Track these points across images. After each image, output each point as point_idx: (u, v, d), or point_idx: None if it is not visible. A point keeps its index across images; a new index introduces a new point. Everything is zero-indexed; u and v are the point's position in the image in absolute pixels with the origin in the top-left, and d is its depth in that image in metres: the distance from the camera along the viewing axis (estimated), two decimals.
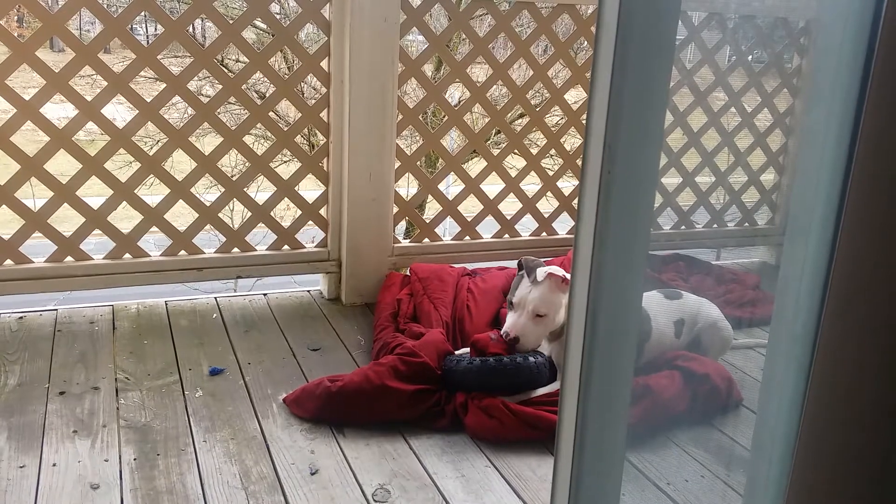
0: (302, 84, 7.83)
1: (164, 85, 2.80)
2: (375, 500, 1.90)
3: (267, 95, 3.07)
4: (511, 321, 2.39)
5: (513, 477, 2.03)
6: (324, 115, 3.01)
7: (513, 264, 2.87)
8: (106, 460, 2.00)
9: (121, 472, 1.96)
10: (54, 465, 1.97)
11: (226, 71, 3.01)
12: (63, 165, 2.81)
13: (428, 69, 8.15)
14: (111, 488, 1.89)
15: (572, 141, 3.61)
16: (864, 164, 0.74)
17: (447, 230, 3.61)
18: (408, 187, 4.92)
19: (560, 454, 1.23)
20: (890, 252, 0.71)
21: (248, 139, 3.05)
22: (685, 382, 2.25)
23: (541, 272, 2.37)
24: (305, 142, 8.17)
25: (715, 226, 3.66)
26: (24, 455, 2.00)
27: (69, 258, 2.79)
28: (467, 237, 3.34)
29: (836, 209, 0.84)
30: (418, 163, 3.25)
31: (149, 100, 2.75)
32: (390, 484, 1.97)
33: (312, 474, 1.99)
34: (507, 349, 2.35)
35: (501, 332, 2.40)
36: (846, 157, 0.81)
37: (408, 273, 3.11)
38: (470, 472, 2.04)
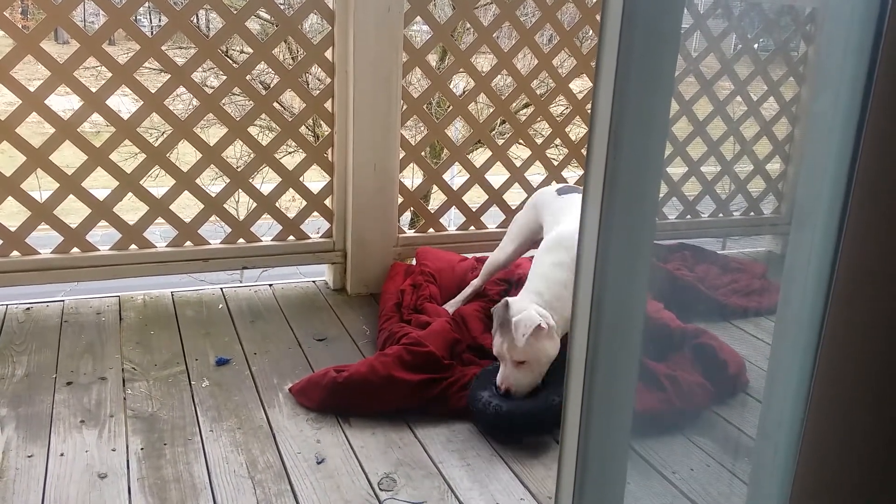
0: (306, 74, 7.83)
1: (169, 76, 2.80)
2: (381, 489, 1.91)
3: (271, 86, 3.07)
4: (501, 373, 2.20)
5: (518, 465, 2.04)
6: (328, 105, 3.00)
7: None
8: (113, 450, 2.01)
9: (128, 461, 1.97)
10: (62, 454, 1.98)
11: (230, 62, 3.00)
12: (69, 158, 2.82)
13: (432, 59, 8.14)
14: (118, 477, 1.90)
15: (577, 130, 3.61)
16: (870, 152, 0.74)
17: (452, 220, 3.61)
18: (413, 177, 4.91)
19: (565, 443, 1.24)
20: (894, 240, 0.70)
21: (252, 130, 3.04)
22: (704, 370, 2.26)
23: (516, 324, 2.16)
24: (310, 132, 8.16)
25: (721, 215, 3.65)
26: (31, 445, 2.02)
27: (75, 249, 2.79)
28: (472, 227, 3.35)
29: (842, 197, 0.83)
30: (423, 153, 3.24)
31: (153, 91, 2.75)
32: (396, 472, 1.98)
33: (319, 463, 2.00)
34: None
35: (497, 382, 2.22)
36: (852, 145, 0.81)
37: (413, 262, 3.12)
38: (475, 460, 2.05)
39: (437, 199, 8.19)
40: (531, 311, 2.18)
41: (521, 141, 3.46)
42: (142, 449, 2.02)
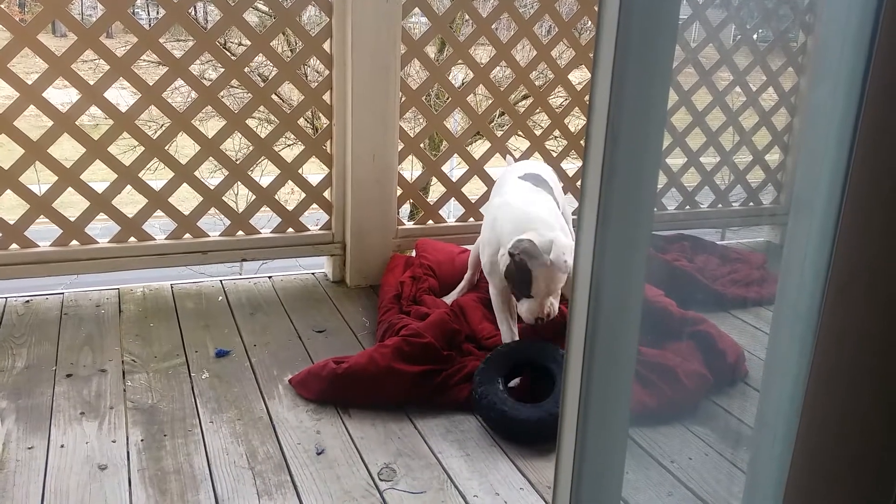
0: (305, 67, 7.81)
1: (167, 68, 2.79)
2: (381, 479, 1.91)
3: (270, 78, 3.07)
4: (535, 305, 2.24)
5: (517, 456, 2.04)
6: (326, 97, 3.00)
7: None
8: (113, 441, 2.02)
9: (128, 452, 1.97)
10: (62, 446, 1.99)
11: (228, 54, 3.00)
12: (68, 151, 2.81)
13: (430, 51, 8.13)
14: (119, 469, 1.91)
15: (576, 122, 3.61)
16: (867, 141, 0.74)
17: (451, 212, 3.62)
18: (412, 169, 4.92)
19: (563, 433, 1.24)
20: (892, 229, 0.71)
21: (251, 122, 3.04)
22: (702, 360, 2.27)
23: (556, 258, 2.20)
24: (309, 125, 8.16)
25: (720, 205, 3.66)
26: (32, 436, 2.02)
27: (74, 242, 2.80)
28: (471, 219, 3.34)
29: (840, 187, 0.83)
30: (422, 145, 3.24)
31: (151, 84, 2.75)
32: (396, 463, 1.98)
33: (319, 454, 2.00)
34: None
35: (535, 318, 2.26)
36: (851, 135, 0.81)
37: (412, 253, 3.12)
38: (475, 451, 2.06)
39: (436, 190, 8.19)
40: (559, 237, 2.25)
41: (520, 132, 3.46)
42: (142, 440, 2.03)
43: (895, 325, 0.71)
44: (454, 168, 6.71)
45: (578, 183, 3.13)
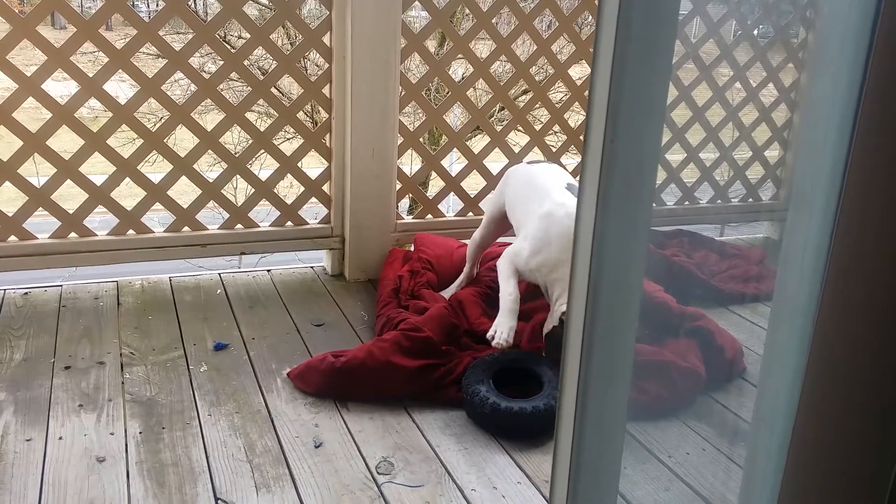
0: (305, 60, 7.80)
1: (166, 61, 2.78)
2: (379, 473, 1.92)
3: (269, 72, 3.06)
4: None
5: (515, 450, 2.05)
6: (326, 90, 2.99)
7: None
8: (112, 434, 2.02)
9: (126, 445, 1.98)
10: (60, 438, 1.99)
11: (228, 47, 2.99)
12: (67, 143, 2.81)
13: (431, 44, 8.10)
14: (117, 461, 1.91)
15: (576, 117, 3.60)
16: (867, 137, 0.74)
17: (450, 206, 3.61)
18: (411, 163, 4.91)
19: (561, 427, 1.24)
20: (890, 224, 0.71)
21: (250, 116, 3.04)
22: (701, 355, 2.27)
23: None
24: (308, 118, 8.15)
25: (719, 201, 3.66)
26: (30, 428, 2.03)
27: (73, 234, 2.79)
28: (471, 213, 3.34)
29: (839, 183, 0.83)
30: (421, 139, 3.24)
31: (151, 76, 2.74)
32: (394, 457, 1.99)
33: (317, 447, 2.01)
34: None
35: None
36: (850, 131, 0.80)
37: (411, 248, 3.12)
38: (472, 445, 2.06)
39: (435, 185, 8.17)
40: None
41: (519, 127, 3.45)
42: (140, 433, 2.03)
43: (893, 320, 0.71)
44: (453, 162, 6.70)
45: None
